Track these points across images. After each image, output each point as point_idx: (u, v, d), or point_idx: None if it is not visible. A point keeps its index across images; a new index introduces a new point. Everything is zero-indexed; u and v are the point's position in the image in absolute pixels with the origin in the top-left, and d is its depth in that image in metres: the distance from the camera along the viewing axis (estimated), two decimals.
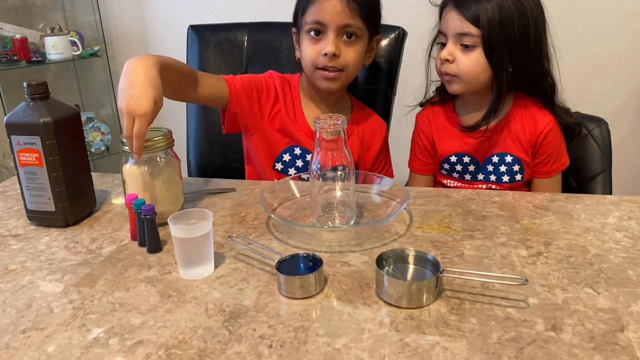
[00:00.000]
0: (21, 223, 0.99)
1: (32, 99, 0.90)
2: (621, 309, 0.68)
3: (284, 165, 1.24)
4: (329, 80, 1.16)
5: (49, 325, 0.69)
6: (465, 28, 1.08)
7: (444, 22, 1.14)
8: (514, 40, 1.08)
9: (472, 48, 1.09)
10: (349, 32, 1.13)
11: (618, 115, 2.13)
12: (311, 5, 1.13)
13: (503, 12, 1.06)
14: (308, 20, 1.14)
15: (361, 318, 0.68)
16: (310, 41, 1.16)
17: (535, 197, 1.03)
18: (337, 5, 1.10)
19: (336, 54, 1.13)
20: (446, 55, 1.12)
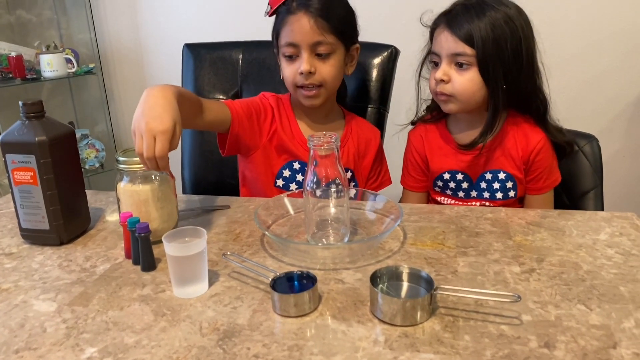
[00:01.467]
0: (15, 242, 0.99)
1: (28, 117, 0.91)
2: (613, 325, 0.68)
3: (285, 181, 1.25)
4: (310, 98, 1.19)
5: (42, 345, 0.68)
6: (460, 48, 1.10)
7: (437, 42, 1.14)
8: (507, 59, 1.09)
9: (467, 67, 1.11)
10: (320, 52, 1.16)
11: (608, 131, 2.15)
12: (283, 28, 1.17)
13: (495, 30, 1.08)
14: (282, 43, 1.18)
15: (355, 336, 0.68)
16: (287, 62, 1.19)
17: (528, 213, 1.04)
18: (306, 24, 1.13)
19: (312, 72, 1.15)
20: (441, 75, 1.13)
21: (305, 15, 1.14)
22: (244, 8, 2.30)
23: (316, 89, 1.18)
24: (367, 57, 1.42)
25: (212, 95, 1.51)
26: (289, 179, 1.25)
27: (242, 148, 1.24)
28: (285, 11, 1.17)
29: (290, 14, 1.15)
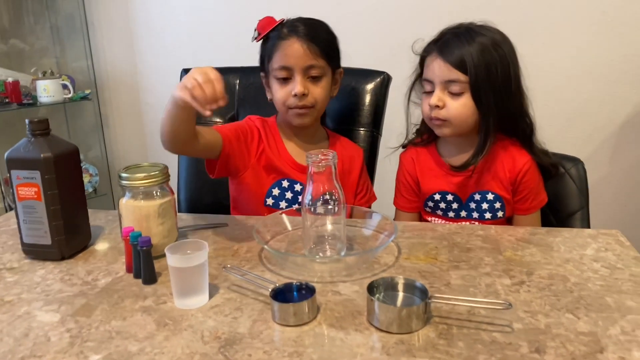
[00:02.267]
0: (15, 257, 1.00)
1: (34, 135, 0.94)
2: (600, 332, 0.71)
3: (275, 200, 1.28)
4: (301, 117, 1.25)
5: (47, 353, 0.70)
6: (453, 75, 1.14)
7: (430, 70, 1.18)
8: (498, 83, 1.14)
9: (461, 94, 1.15)
10: (312, 75, 1.22)
11: (595, 158, 2.21)
12: (276, 52, 1.22)
13: (486, 56, 1.13)
14: (275, 66, 1.23)
15: (353, 343, 0.70)
16: (280, 84, 1.24)
17: (517, 230, 1.07)
18: (299, 49, 1.20)
19: (305, 94, 1.21)
20: (436, 101, 1.16)
21: (298, 41, 1.20)
22: (238, 35, 2.35)
23: (307, 109, 1.23)
24: (360, 82, 1.47)
25: (208, 120, 1.55)
26: (279, 197, 1.28)
27: (231, 169, 1.27)
28: (276, 37, 1.23)
29: (282, 40, 1.22)
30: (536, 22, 2.08)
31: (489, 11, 2.04)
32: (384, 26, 2.21)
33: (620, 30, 2.04)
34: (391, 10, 2.19)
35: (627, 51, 2.05)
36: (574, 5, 2.04)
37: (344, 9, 2.21)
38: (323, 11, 1.49)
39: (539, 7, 2.07)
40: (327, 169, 0.92)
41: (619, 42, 2.05)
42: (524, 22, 2.07)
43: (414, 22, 2.14)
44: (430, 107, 1.18)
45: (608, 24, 2.04)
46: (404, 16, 2.18)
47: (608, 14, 2.03)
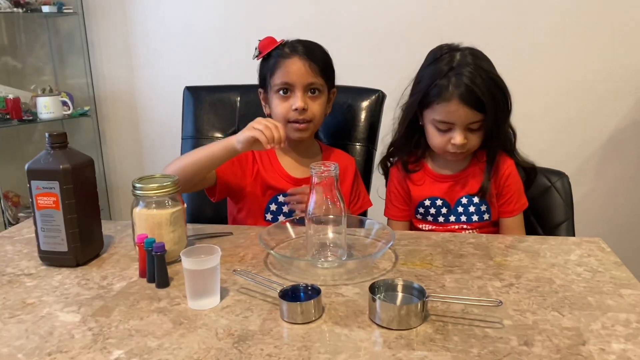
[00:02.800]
0: (32, 264, 1.05)
1: (52, 147, 1.00)
2: (583, 327, 0.77)
3: (273, 215, 1.35)
4: (300, 131, 1.32)
5: (72, 349, 0.75)
6: (477, 117, 1.21)
7: (452, 115, 1.21)
8: (503, 112, 1.24)
9: (479, 128, 1.24)
10: (312, 89, 1.31)
11: (581, 173, 2.29)
12: (278, 69, 1.31)
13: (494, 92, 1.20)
14: (277, 82, 1.31)
15: (357, 338, 0.76)
16: (280, 99, 1.32)
17: (506, 238, 1.14)
18: (301, 67, 1.29)
19: (305, 108, 1.29)
20: (462, 141, 1.22)
21: (300, 60, 1.30)
22: (235, 54, 2.42)
23: (306, 123, 1.31)
24: (357, 100, 1.55)
25: (211, 134, 1.62)
26: (276, 212, 1.35)
27: (232, 192, 1.36)
28: (278, 55, 1.32)
29: (284, 58, 1.31)
30: (525, 43, 2.18)
31: (479, 31, 2.15)
32: (379, 47, 2.30)
33: (606, 49, 2.14)
34: (386, 32, 2.28)
35: (612, 70, 2.15)
36: (561, 26, 2.15)
37: (340, 30, 2.30)
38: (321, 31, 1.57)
39: (527, 28, 2.17)
40: (329, 180, 0.99)
41: (606, 61, 2.15)
42: (514, 42, 2.17)
43: (408, 43, 2.23)
44: (453, 145, 1.23)
45: (594, 44, 2.14)
46: (398, 37, 2.27)
47: (592, 34, 2.13)
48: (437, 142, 1.27)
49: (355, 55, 2.28)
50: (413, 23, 2.23)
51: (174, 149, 1.79)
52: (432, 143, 1.30)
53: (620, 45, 2.13)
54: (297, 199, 1.28)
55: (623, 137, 2.23)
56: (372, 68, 2.27)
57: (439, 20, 2.22)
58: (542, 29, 2.16)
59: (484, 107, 1.20)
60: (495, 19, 2.17)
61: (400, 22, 2.25)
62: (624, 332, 0.76)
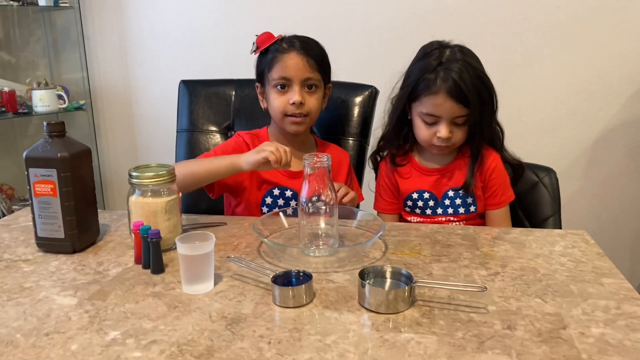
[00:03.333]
0: (29, 250, 1.07)
1: (51, 136, 1.01)
2: (564, 313, 0.80)
3: (269, 208, 1.37)
4: (297, 125, 1.35)
5: (69, 330, 0.77)
6: (463, 112, 1.25)
7: (439, 108, 1.25)
8: (488, 109, 1.27)
9: (464, 123, 1.27)
10: (309, 84, 1.34)
11: (570, 171, 2.33)
12: (276, 64, 1.33)
13: (480, 88, 1.24)
14: (275, 77, 1.34)
15: (346, 321, 0.78)
16: (278, 93, 1.34)
17: (493, 230, 1.17)
18: (299, 62, 1.32)
19: (302, 103, 1.32)
20: (447, 134, 1.26)
21: (298, 55, 1.32)
22: (230, 48, 2.46)
23: (303, 117, 1.34)
24: (350, 95, 1.57)
25: (206, 127, 1.64)
26: (272, 205, 1.38)
27: (230, 189, 1.38)
28: (276, 50, 1.35)
29: (282, 53, 1.33)
30: (515, 43, 2.21)
31: (470, 29, 2.18)
32: (373, 43, 2.32)
33: (595, 50, 2.17)
34: (379, 29, 2.31)
35: (601, 71, 2.19)
36: (551, 25, 2.18)
37: (334, 26, 2.32)
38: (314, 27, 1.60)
39: (518, 27, 2.20)
40: (321, 171, 1.01)
41: (595, 62, 2.18)
42: (505, 41, 2.20)
43: (401, 40, 2.25)
44: (439, 138, 1.27)
45: (583, 44, 2.17)
46: (392, 34, 2.29)
47: (583, 34, 2.16)
48: (424, 135, 1.30)
49: (349, 51, 2.30)
50: (406, 20, 2.26)
51: (169, 142, 1.82)
52: (419, 136, 1.32)
53: (610, 45, 2.16)
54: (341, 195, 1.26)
55: (612, 136, 2.26)
56: (365, 64, 2.29)
57: (431, 18, 2.24)
58: (533, 28, 2.19)
59: (469, 102, 1.23)
60: (487, 18, 2.20)
61: (393, 19, 2.28)
62: (603, 317, 0.79)
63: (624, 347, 0.71)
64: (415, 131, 1.34)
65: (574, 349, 0.71)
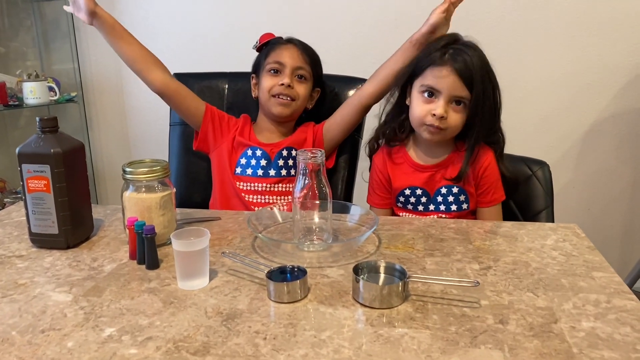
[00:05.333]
0: (23, 246, 1.07)
1: (43, 131, 1.01)
2: (555, 307, 0.82)
3: (242, 168, 1.48)
4: (283, 106, 1.45)
5: (65, 327, 0.77)
6: (464, 93, 1.24)
7: (440, 80, 1.24)
8: (489, 103, 1.27)
9: (463, 108, 1.26)
10: (300, 74, 1.47)
11: (561, 164, 2.34)
12: (273, 52, 1.48)
13: (485, 77, 1.25)
14: (270, 61, 1.47)
15: (341, 316, 0.79)
16: (270, 76, 1.47)
17: (486, 224, 1.18)
18: (295, 52, 1.47)
19: (291, 85, 1.44)
20: (442, 112, 1.24)
21: (294, 47, 1.48)
22: (224, 41, 2.44)
23: (289, 100, 1.45)
24: (343, 88, 1.57)
25: None
26: (245, 166, 1.48)
27: (208, 144, 1.52)
28: (276, 42, 1.50)
29: (281, 44, 1.49)
30: (507, 37, 2.21)
31: (462, 25, 2.17)
32: (368, 36, 2.32)
33: (584, 45, 2.18)
34: (374, 22, 2.30)
35: (591, 65, 2.20)
36: (542, 20, 2.18)
37: (329, 18, 2.32)
38: (310, 19, 1.59)
39: (509, 20, 2.20)
40: (315, 166, 1.02)
41: (586, 56, 2.19)
42: (496, 34, 2.20)
43: (394, 34, 2.25)
44: (433, 115, 1.25)
45: (574, 39, 2.18)
46: (386, 27, 2.29)
47: (573, 29, 2.17)
48: (418, 112, 1.28)
49: (342, 44, 2.30)
50: (402, 14, 2.25)
51: (162, 135, 1.81)
52: (413, 114, 1.30)
53: (600, 40, 2.17)
54: None
55: (602, 129, 2.28)
56: (359, 57, 2.29)
57: (426, 10, 2.24)
58: (524, 23, 2.19)
59: (472, 85, 1.23)
60: (479, 13, 2.20)
61: (387, 11, 2.27)
62: (593, 311, 0.80)
63: (614, 340, 0.72)
64: (411, 112, 1.32)
65: (565, 343, 0.72)
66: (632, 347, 0.71)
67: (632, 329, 0.75)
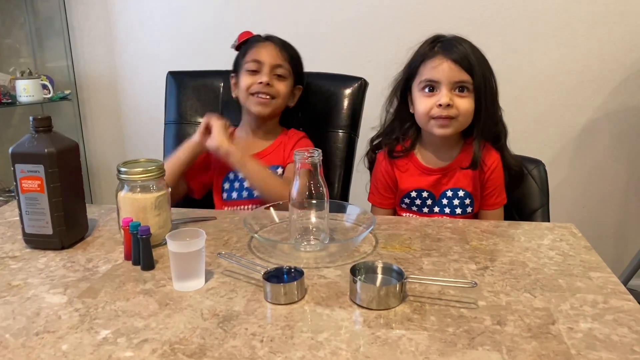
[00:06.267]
0: (17, 246, 1.06)
1: (37, 131, 1.00)
2: (553, 308, 0.81)
3: (227, 193, 1.47)
4: (262, 105, 1.43)
5: (60, 329, 0.77)
6: (464, 76, 1.23)
7: (436, 71, 1.24)
8: (490, 88, 1.27)
9: (468, 93, 1.25)
10: (279, 73, 1.44)
11: (556, 161, 2.35)
12: (251, 49, 1.45)
13: (482, 62, 1.26)
14: (248, 59, 1.44)
15: (338, 318, 0.79)
16: (248, 75, 1.44)
17: (482, 223, 1.18)
18: (273, 49, 1.44)
19: (269, 84, 1.41)
20: (448, 100, 1.23)
21: (273, 44, 1.46)
22: (217, 39, 2.42)
23: (268, 98, 1.42)
24: (339, 87, 1.57)
25: (194, 119, 1.62)
26: (229, 190, 1.48)
27: (208, 185, 1.51)
28: (254, 40, 1.47)
29: (259, 42, 1.46)
30: (503, 34, 2.21)
31: (459, 21, 2.18)
32: (363, 35, 2.31)
33: (580, 42, 2.18)
34: (370, 21, 2.29)
35: (588, 62, 2.20)
36: (538, 19, 2.18)
37: (324, 17, 2.31)
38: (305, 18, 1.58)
39: (505, 18, 2.20)
40: (312, 166, 1.01)
41: (580, 54, 2.20)
42: (492, 32, 2.20)
43: (390, 33, 2.25)
44: (439, 106, 1.23)
45: (569, 36, 2.18)
46: (382, 26, 2.28)
47: (568, 27, 2.17)
48: (423, 107, 1.26)
49: (339, 42, 2.29)
50: (397, 11, 2.25)
51: (157, 133, 1.80)
52: (418, 112, 1.29)
53: (595, 38, 2.17)
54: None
55: (596, 127, 2.28)
56: (356, 56, 2.28)
57: (423, 9, 2.24)
58: (519, 21, 2.19)
59: (471, 68, 1.22)
60: (475, 11, 2.19)
61: (384, 9, 2.27)
62: (591, 312, 0.80)
63: (612, 341, 0.72)
64: (416, 112, 1.31)
65: (563, 344, 0.72)
66: (629, 348, 0.71)
67: (630, 330, 0.75)
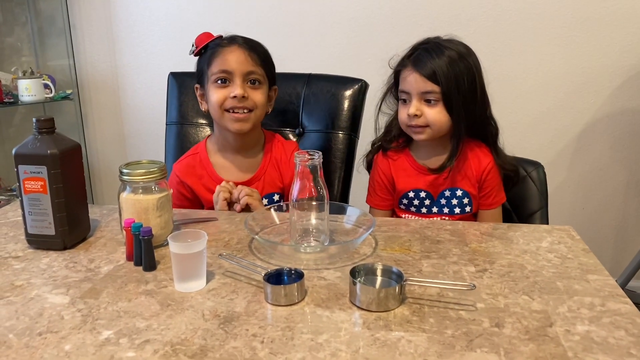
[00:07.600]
0: (19, 247, 1.07)
1: (40, 132, 1.01)
2: (550, 310, 0.82)
3: None
4: (240, 122, 1.30)
5: (62, 329, 0.77)
6: (428, 87, 1.26)
7: (407, 82, 1.29)
8: (465, 92, 1.27)
9: (435, 102, 1.27)
10: (252, 79, 1.30)
11: (555, 163, 2.36)
12: (216, 58, 1.29)
13: (454, 68, 1.26)
14: (215, 71, 1.29)
15: (338, 319, 0.80)
16: (218, 87, 1.29)
17: (482, 226, 1.19)
18: (241, 55, 1.28)
19: (245, 96, 1.27)
20: (414, 111, 1.28)
21: (239, 48, 1.29)
22: None
23: (246, 113, 1.29)
24: (339, 89, 1.57)
25: (195, 120, 1.63)
26: None
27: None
28: (216, 45, 1.31)
29: (223, 47, 1.30)
30: (502, 36, 2.22)
31: (457, 24, 2.19)
32: (363, 37, 2.32)
33: (579, 44, 2.19)
34: (369, 22, 2.30)
35: (586, 64, 2.21)
36: (536, 20, 2.19)
37: (324, 19, 2.32)
38: (305, 20, 1.59)
39: (504, 22, 2.20)
40: (312, 168, 1.02)
41: (580, 57, 2.20)
42: (491, 35, 2.21)
43: (390, 35, 2.25)
44: (409, 116, 1.29)
45: (569, 39, 2.19)
46: (382, 27, 2.29)
47: (567, 28, 2.18)
48: (401, 117, 1.33)
49: (339, 45, 2.29)
50: (396, 11, 2.25)
51: (158, 134, 1.81)
52: (399, 120, 1.35)
53: (594, 39, 2.18)
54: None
55: (596, 129, 2.29)
56: (356, 58, 2.29)
57: (422, 10, 2.24)
58: (519, 22, 2.20)
59: (437, 79, 1.24)
60: (474, 12, 2.20)
61: (383, 10, 2.27)
62: (588, 314, 0.81)
63: (609, 344, 0.73)
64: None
65: (560, 347, 0.72)
66: (626, 351, 0.72)
67: (627, 333, 0.76)
